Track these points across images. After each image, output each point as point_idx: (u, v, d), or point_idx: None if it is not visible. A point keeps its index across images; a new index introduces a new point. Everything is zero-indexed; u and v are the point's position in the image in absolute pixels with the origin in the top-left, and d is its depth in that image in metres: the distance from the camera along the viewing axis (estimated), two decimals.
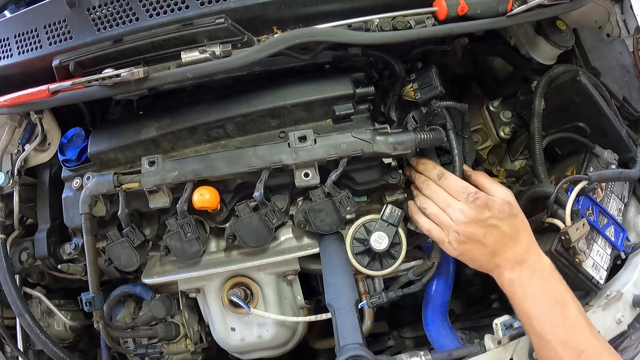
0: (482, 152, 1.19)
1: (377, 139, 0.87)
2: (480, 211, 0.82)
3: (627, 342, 0.97)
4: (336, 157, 0.86)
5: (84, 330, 1.24)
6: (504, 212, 0.83)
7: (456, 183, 0.87)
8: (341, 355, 0.72)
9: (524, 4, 0.86)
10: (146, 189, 0.87)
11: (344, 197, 0.87)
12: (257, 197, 0.86)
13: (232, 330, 1.02)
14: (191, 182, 0.87)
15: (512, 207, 0.84)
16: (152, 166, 0.88)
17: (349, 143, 0.87)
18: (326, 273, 0.90)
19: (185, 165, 0.88)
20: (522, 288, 0.80)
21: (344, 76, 0.93)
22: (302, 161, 0.86)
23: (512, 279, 0.81)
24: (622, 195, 1.11)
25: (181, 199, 0.87)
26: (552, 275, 0.81)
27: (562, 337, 0.76)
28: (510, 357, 0.86)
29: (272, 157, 0.86)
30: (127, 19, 0.82)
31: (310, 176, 0.87)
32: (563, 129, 1.10)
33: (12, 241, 1.07)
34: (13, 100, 0.84)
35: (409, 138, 0.88)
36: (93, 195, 0.90)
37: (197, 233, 0.90)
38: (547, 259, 0.83)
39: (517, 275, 0.81)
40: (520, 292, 0.80)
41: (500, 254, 0.83)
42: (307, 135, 0.87)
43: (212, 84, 0.97)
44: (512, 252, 0.82)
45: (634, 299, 0.98)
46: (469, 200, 0.83)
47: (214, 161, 0.87)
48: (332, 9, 0.84)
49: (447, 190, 0.87)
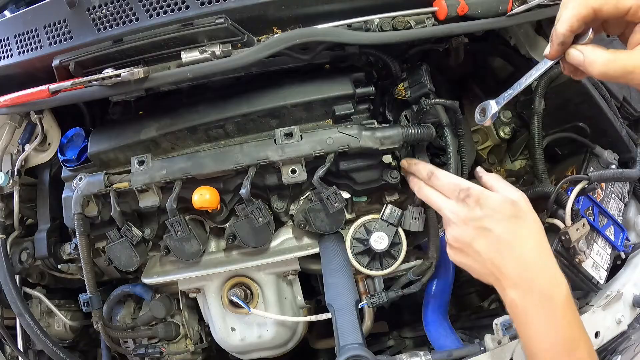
0: (482, 152, 1.19)
1: (363, 134, 0.87)
2: (471, 209, 0.71)
3: (627, 342, 0.97)
4: (322, 152, 0.86)
5: (84, 330, 1.24)
6: (502, 212, 0.70)
7: (447, 180, 0.79)
8: (341, 355, 0.72)
9: (524, 4, 0.86)
10: (136, 188, 0.88)
11: (331, 193, 0.87)
12: (244, 194, 0.86)
13: (232, 330, 1.02)
14: (180, 181, 0.87)
15: (516, 208, 0.70)
16: (141, 165, 0.89)
17: (335, 138, 0.86)
18: (326, 273, 0.90)
19: (174, 164, 0.88)
20: (526, 317, 0.67)
21: (343, 76, 0.93)
22: (288, 157, 0.86)
23: (515, 300, 0.67)
24: (622, 195, 1.11)
25: (170, 197, 0.87)
26: (564, 309, 0.66)
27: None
28: (510, 357, 0.86)
29: (258, 154, 0.86)
30: (127, 19, 0.82)
31: (297, 172, 0.87)
32: (563, 129, 1.10)
33: (12, 241, 1.07)
34: (13, 100, 0.84)
35: (396, 132, 0.87)
36: (85, 195, 0.91)
37: (187, 231, 0.90)
38: (563, 280, 0.67)
39: (521, 299, 0.67)
40: (523, 318, 0.68)
41: (499, 264, 0.69)
42: (293, 131, 0.87)
43: (212, 84, 0.97)
44: (514, 264, 0.68)
45: (634, 299, 0.98)
46: (459, 198, 0.74)
47: (202, 159, 0.88)
48: (332, 9, 0.84)
49: (439, 189, 0.80)
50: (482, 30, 0.91)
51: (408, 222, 0.92)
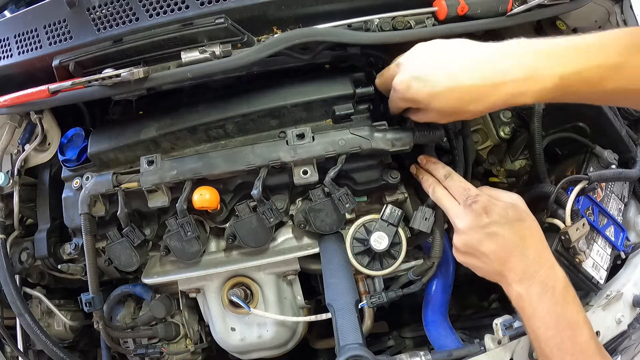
0: (482, 152, 1.19)
1: (375, 136, 0.87)
2: (478, 217, 0.77)
3: (627, 342, 0.97)
4: (334, 154, 0.86)
5: (84, 330, 1.24)
6: (506, 217, 0.76)
7: (459, 184, 0.84)
8: (341, 355, 0.72)
9: (524, 4, 0.86)
10: (145, 188, 0.87)
11: (342, 194, 0.87)
12: (255, 195, 0.86)
13: (232, 330, 1.02)
14: (190, 181, 0.87)
15: (518, 211, 0.78)
16: (150, 165, 0.88)
17: (347, 140, 0.87)
18: (326, 273, 0.90)
19: (184, 164, 0.88)
20: (531, 306, 0.73)
21: (344, 76, 0.93)
22: (300, 158, 0.86)
23: (521, 293, 0.74)
24: (622, 195, 1.11)
25: (180, 198, 0.87)
26: (565, 294, 0.73)
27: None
28: (510, 357, 0.86)
29: (270, 155, 0.86)
30: (127, 19, 0.82)
31: (309, 174, 0.87)
32: (563, 129, 1.10)
33: (12, 241, 1.07)
34: (13, 100, 0.84)
35: (407, 134, 0.87)
36: (92, 195, 0.90)
37: (197, 232, 0.90)
38: (561, 272, 0.75)
39: (526, 291, 0.73)
40: (529, 310, 0.73)
41: (505, 263, 0.75)
42: (305, 132, 0.87)
43: (212, 84, 0.97)
44: (518, 261, 0.74)
45: (634, 299, 0.98)
46: (467, 204, 0.79)
47: (213, 160, 0.87)
48: (332, 9, 0.84)
49: (450, 190, 0.84)
50: (482, 30, 0.91)
51: (418, 222, 0.91)
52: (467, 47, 0.72)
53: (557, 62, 0.66)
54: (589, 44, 0.66)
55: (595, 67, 0.65)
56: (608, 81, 0.65)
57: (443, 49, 0.74)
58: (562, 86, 0.66)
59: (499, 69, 0.68)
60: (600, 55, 0.65)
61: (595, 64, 0.65)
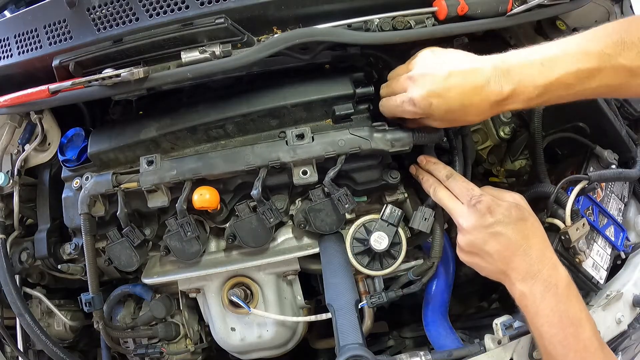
0: (482, 152, 1.19)
1: (374, 136, 0.87)
2: (482, 217, 0.77)
3: (627, 342, 0.97)
4: (334, 154, 0.86)
5: (84, 330, 1.24)
6: (510, 217, 0.77)
7: (461, 184, 0.84)
8: (341, 355, 0.72)
9: (524, 4, 0.86)
10: (145, 188, 0.87)
11: (342, 194, 0.87)
12: (255, 195, 0.86)
13: (232, 330, 1.02)
14: (189, 181, 0.87)
15: (521, 211, 0.79)
16: (150, 165, 0.88)
17: (346, 140, 0.87)
18: (326, 273, 0.90)
19: (184, 164, 0.88)
20: (535, 304, 0.74)
21: (343, 76, 0.93)
22: (300, 159, 0.86)
23: (524, 292, 0.75)
24: (622, 195, 1.11)
25: (180, 198, 0.87)
26: (567, 292, 0.74)
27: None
28: (510, 357, 0.86)
29: (270, 155, 0.86)
30: (127, 19, 0.82)
31: (309, 174, 0.87)
32: (563, 129, 1.10)
33: (12, 241, 1.07)
34: (13, 100, 0.84)
35: (407, 135, 0.88)
36: (92, 195, 0.90)
37: (197, 232, 0.90)
38: (564, 270, 0.76)
39: (529, 289, 0.74)
40: (532, 308, 0.74)
41: (509, 262, 0.76)
42: (305, 132, 0.87)
43: (212, 84, 0.97)
44: (522, 261, 0.75)
45: (634, 299, 0.98)
46: (471, 204, 0.79)
47: (212, 160, 0.87)
48: (332, 9, 0.84)
49: (453, 191, 0.85)
50: (482, 30, 0.91)
51: (418, 222, 0.91)
52: (466, 60, 0.77)
53: (539, 72, 0.70)
54: (567, 51, 0.70)
55: (574, 72, 0.68)
56: (591, 81, 0.68)
57: (449, 63, 0.76)
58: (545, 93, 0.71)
59: (497, 83, 0.73)
60: (580, 60, 0.68)
61: (574, 70, 0.68)
